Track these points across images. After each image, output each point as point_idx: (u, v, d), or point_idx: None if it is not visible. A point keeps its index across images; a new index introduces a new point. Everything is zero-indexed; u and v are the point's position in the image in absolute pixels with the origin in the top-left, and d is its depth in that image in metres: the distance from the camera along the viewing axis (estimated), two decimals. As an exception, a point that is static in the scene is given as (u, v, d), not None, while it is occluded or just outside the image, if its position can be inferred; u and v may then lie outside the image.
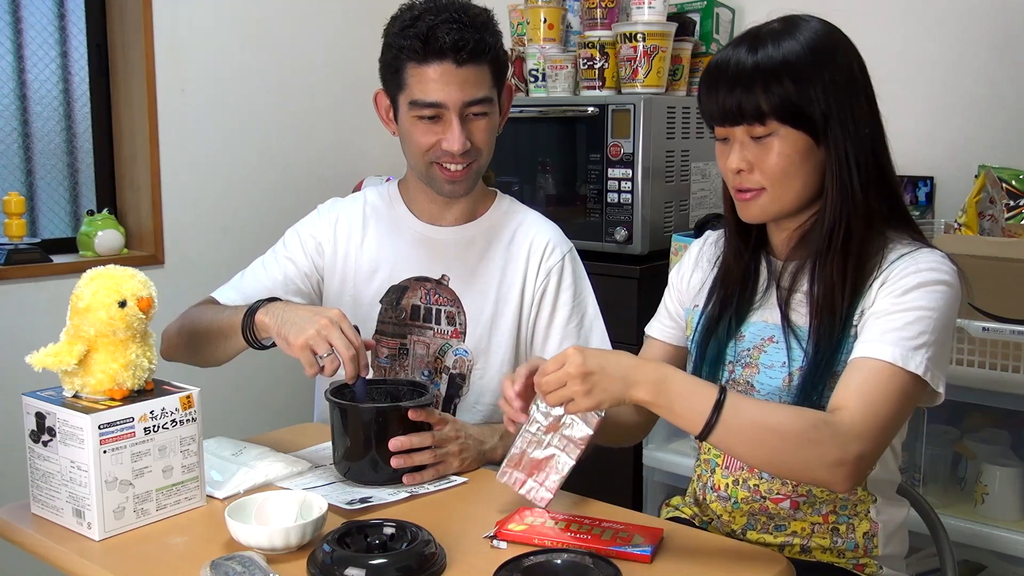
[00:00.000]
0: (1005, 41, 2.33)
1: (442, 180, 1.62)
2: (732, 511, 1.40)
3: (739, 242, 1.41)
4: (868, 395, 1.19)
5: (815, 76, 1.25)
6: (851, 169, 1.27)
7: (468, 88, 1.54)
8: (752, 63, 1.25)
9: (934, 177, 2.31)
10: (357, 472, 1.42)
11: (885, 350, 1.20)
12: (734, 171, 1.30)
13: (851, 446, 1.14)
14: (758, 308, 1.39)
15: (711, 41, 2.65)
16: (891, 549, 1.38)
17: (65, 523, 1.27)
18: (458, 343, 1.68)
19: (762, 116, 1.25)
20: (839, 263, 1.28)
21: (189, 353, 1.63)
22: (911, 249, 1.28)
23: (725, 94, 1.27)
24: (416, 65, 1.54)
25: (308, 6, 3.13)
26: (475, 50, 1.53)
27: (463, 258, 1.69)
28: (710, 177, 2.65)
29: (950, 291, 1.25)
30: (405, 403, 1.43)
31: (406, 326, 1.69)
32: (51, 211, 2.84)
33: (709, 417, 1.13)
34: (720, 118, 1.29)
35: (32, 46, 2.75)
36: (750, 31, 1.31)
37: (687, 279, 1.52)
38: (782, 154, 1.26)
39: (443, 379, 1.69)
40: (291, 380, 2.76)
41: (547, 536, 1.21)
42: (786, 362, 1.32)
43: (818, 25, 1.30)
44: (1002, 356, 1.83)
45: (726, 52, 1.30)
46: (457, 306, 1.68)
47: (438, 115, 1.56)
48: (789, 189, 1.29)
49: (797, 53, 1.25)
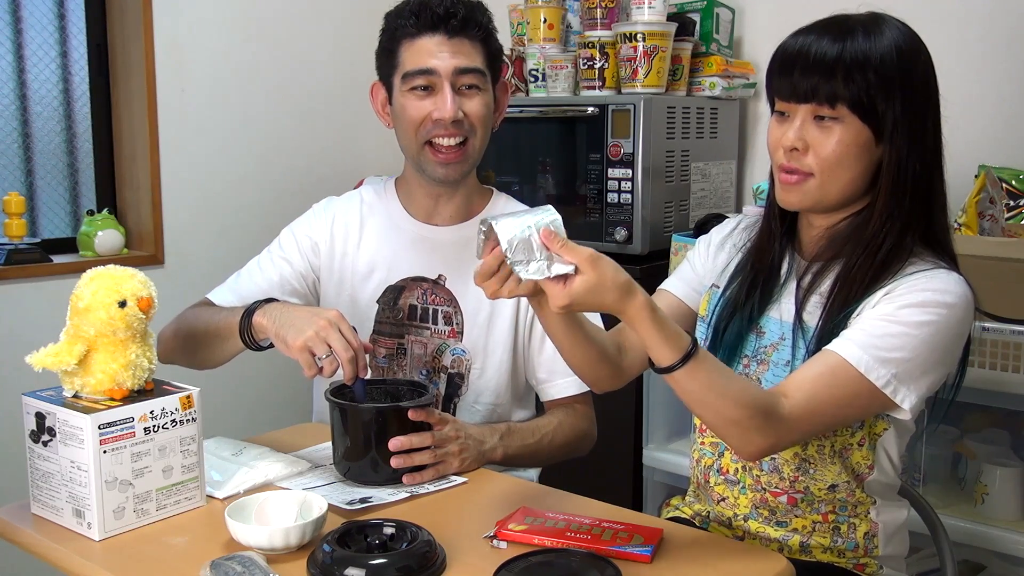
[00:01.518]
0: (1005, 41, 2.33)
1: (434, 163, 1.62)
2: (738, 496, 1.40)
3: (777, 226, 1.39)
4: (818, 392, 1.20)
5: (896, 78, 1.24)
6: (906, 178, 1.26)
7: (460, 57, 1.59)
8: (837, 51, 1.23)
9: (934, 177, 2.31)
10: (357, 472, 1.42)
11: (854, 352, 1.21)
12: (788, 148, 1.28)
13: (772, 437, 1.19)
14: (775, 302, 1.38)
15: (711, 41, 2.65)
16: (891, 549, 1.38)
17: (65, 523, 1.27)
18: (455, 343, 1.68)
19: (834, 100, 1.23)
20: (865, 267, 1.27)
21: (186, 356, 1.63)
22: (929, 267, 1.27)
23: (800, 76, 1.25)
24: (410, 40, 1.60)
25: (308, 6, 3.13)
26: (466, 19, 1.59)
27: (459, 257, 1.68)
28: (710, 177, 2.65)
29: (951, 315, 1.23)
30: (405, 403, 1.43)
31: (403, 326, 1.69)
32: (51, 211, 2.83)
33: (674, 363, 1.14)
34: (789, 94, 1.27)
35: (32, 46, 2.75)
36: (837, 18, 1.28)
37: (713, 252, 1.50)
38: (842, 141, 1.25)
39: (441, 379, 1.69)
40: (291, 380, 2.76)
41: (547, 536, 1.21)
42: (790, 360, 1.32)
43: (905, 28, 1.28)
44: (1002, 356, 1.83)
45: (810, 36, 1.27)
46: (454, 306, 1.68)
47: (430, 84, 1.59)
48: (837, 180, 1.27)
49: (884, 51, 1.24)
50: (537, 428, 1.64)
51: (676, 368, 1.14)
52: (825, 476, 1.34)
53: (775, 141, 1.31)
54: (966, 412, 2.08)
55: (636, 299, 1.12)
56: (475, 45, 1.60)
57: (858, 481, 1.35)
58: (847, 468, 1.34)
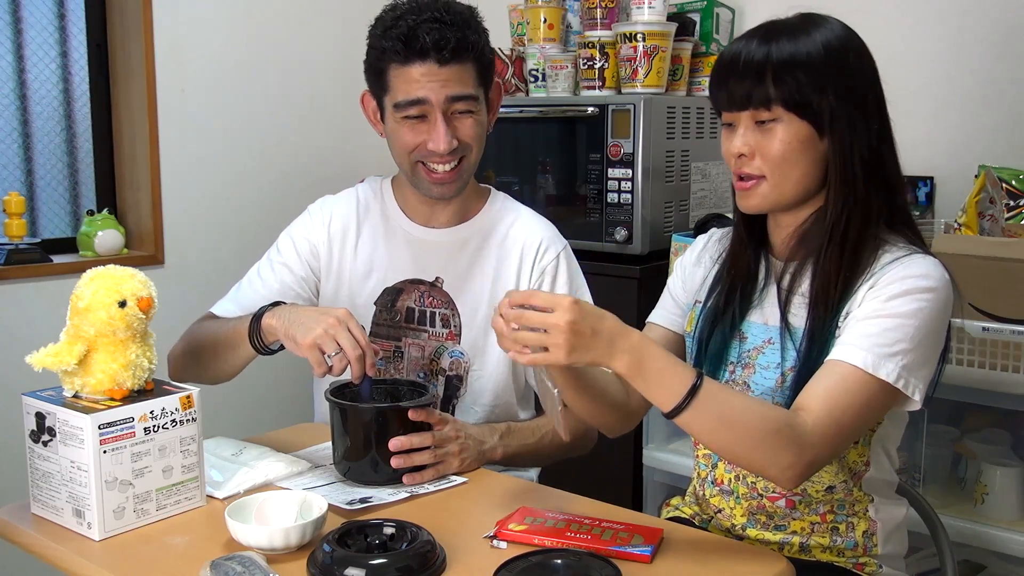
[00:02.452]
0: (1005, 40, 2.33)
1: (428, 183, 1.61)
2: (733, 506, 1.40)
3: (745, 233, 1.41)
4: (833, 400, 1.20)
5: (826, 76, 1.26)
6: (854, 165, 1.28)
7: (452, 85, 1.53)
8: (764, 55, 1.27)
9: (934, 177, 2.31)
10: (357, 472, 1.42)
11: (857, 355, 1.21)
12: (736, 155, 1.32)
13: (806, 452, 1.17)
14: (757, 307, 1.39)
15: (711, 41, 2.65)
16: (890, 548, 1.38)
17: (65, 523, 1.27)
18: (453, 345, 1.68)
19: (768, 102, 1.27)
20: (835, 257, 1.29)
21: (198, 370, 1.63)
22: (904, 254, 1.29)
23: (735, 83, 1.29)
24: (399, 66, 1.54)
25: (308, 6, 3.13)
26: (457, 48, 1.52)
27: (456, 260, 1.68)
28: (710, 177, 2.65)
29: (937, 298, 1.25)
30: (405, 403, 1.43)
31: (400, 328, 1.69)
32: (51, 211, 2.83)
33: (681, 401, 1.14)
34: (727, 104, 1.31)
35: (32, 46, 2.75)
36: (767, 23, 1.32)
37: (689, 272, 1.52)
38: (783, 140, 1.28)
39: (440, 381, 1.69)
40: (291, 380, 2.76)
41: (547, 536, 1.21)
42: (780, 363, 1.33)
43: (835, 25, 1.31)
44: (1002, 356, 1.83)
45: (740, 43, 1.31)
46: (451, 308, 1.68)
47: (423, 114, 1.56)
48: (788, 178, 1.30)
49: (811, 50, 1.26)
50: (537, 428, 1.64)
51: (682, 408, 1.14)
52: (823, 478, 1.34)
53: (726, 152, 1.34)
54: (966, 412, 2.07)
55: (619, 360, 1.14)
56: (467, 68, 1.55)
57: (855, 479, 1.35)
58: (844, 468, 1.34)
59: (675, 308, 1.52)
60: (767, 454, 1.17)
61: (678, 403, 1.14)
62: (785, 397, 1.30)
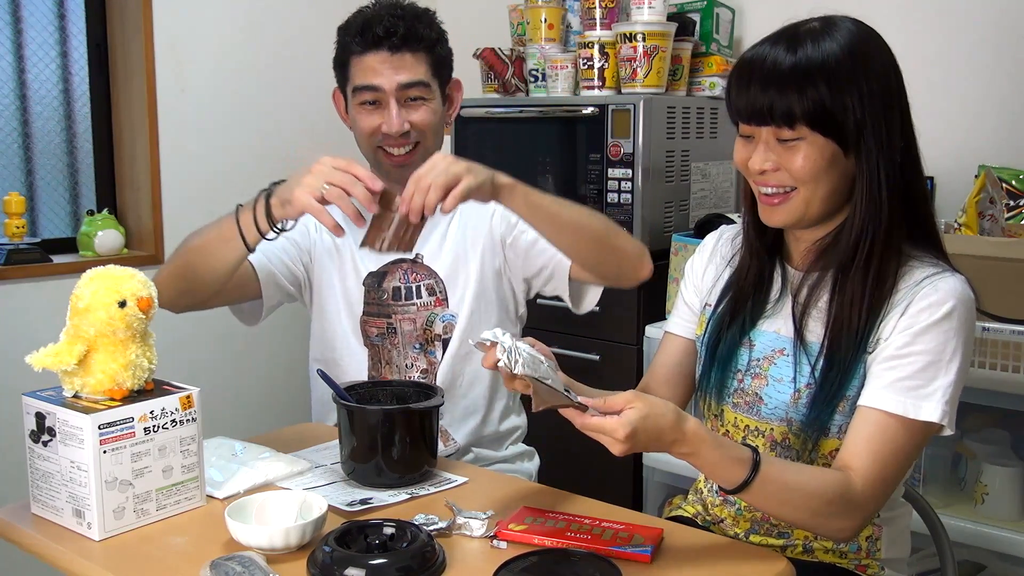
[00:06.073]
0: (1005, 41, 2.33)
1: (388, 165, 1.71)
2: (736, 517, 1.40)
3: (757, 242, 1.38)
4: (878, 453, 1.21)
5: (852, 82, 1.21)
6: (881, 182, 1.24)
7: (403, 72, 1.66)
8: (789, 63, 1.21)
9: (934, 177, 2.31)
10: (362, 473, 1.42)
11: (894, 401, 1.21)
12: (757, 171, 1.28)
13: (860, 513, 1.21)
14: (770, 316, 1.36)
15: (711, 41, 2.65)
16: (894, 552, 1.38)
17: (65, 523, 1.27)
18: (443, 310, 1.74)
19: (792, 120, 1.22)
20: (860, 278, 1.26)
21: (186, 280, 1.57)
22: (934, 271, 1.26)
23: (757, 92, 1.23)
24: (357, 56, 1.68)
25: (308, 7, 3.13)
26: (407, 36, 1.65)
27: (431, 233, 1.74)
28: (710, 177, 2.65)
29: (964, 324, 1.23)
30: (412, 405, 1.43)
31: (389, 306, 1.74)
32: (51, 211, 2.84)
33: (736, 488, 1.16)
34: (748, 116, 1.26)
35: (32, 46, 2.75)
36: (788, 28, 1.27)
37: (700, 274, 1.50)
38: (808, 158, 1.23)
39: (436, 347, 1.73)
40: (291, 380, 2.76)
41: (547, 536, 1.21)
42: (794, 377, 1.31)
43: (857, 27, 1.26)
44: (1002, 356, 1.83)
45: (762, 48, 1.26)
46: (434, 277, 1.74)
47: (378, 99, 1.68)
48: (818, 191, 1.26)
49: (835, 56, 1.21)
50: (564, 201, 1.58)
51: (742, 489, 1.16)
52: None
53: (742, 162, 1.30)
54: (966, 412, 2.07)
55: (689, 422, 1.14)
56: (419, 57, 1.67)
57: None
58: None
59: (690, 315, 1.49)
60: (824, 521, 1.21)
61: (734, 488, 1.16)
62: (801, 415, 1.29)
